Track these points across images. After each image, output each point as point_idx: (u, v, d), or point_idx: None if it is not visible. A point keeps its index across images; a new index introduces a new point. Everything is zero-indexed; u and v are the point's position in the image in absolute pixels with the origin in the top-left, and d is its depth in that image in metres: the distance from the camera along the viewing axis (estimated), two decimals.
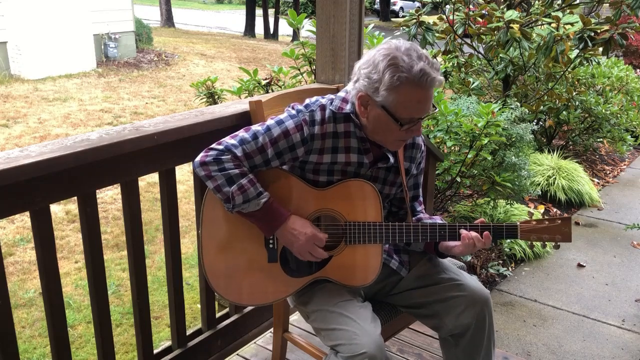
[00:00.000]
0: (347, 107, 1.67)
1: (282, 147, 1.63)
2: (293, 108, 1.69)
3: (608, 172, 6.20)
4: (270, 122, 1.66)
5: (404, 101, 1.55)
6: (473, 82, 4.76)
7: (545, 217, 1.71)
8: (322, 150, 1.67)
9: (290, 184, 1.70)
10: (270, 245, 1.71)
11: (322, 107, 1.68)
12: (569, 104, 5.45)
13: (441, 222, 1.77)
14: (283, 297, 1.78)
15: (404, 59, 1.53)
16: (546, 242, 1.72)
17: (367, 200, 1.69)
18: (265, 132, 1.63)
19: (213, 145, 1.62)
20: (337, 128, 1.67)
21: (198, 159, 1.61)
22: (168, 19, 19.85)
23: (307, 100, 1.72)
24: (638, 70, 7.78)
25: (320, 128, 1.65)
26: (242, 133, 1.64)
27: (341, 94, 1.72)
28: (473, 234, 1.68)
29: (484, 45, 4.57)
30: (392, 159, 1.74)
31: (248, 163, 1.62)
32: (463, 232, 1.68)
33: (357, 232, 1.69)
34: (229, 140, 1.63)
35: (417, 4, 5.54)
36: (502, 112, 3.72)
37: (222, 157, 1.59)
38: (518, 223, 1.70)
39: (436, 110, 1.77)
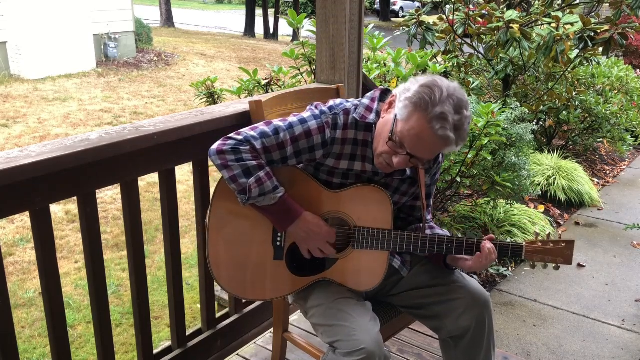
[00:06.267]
0: (371, 117, 1.64)
1: (302, 146, 1.61)
2: (316, 108, 1.66)
3: (608, 172, 6.20)
4: (292, 119, 1.63)
5: (409, 124, 1.50)
6: (473, 82, 4.76)
7: (551, 238, 1.72)
8: (340, 156, 1.66)
9: (304, 183, 1.69)
10: (278, 243, 1.70)
11: (346, 112, 1.65)
12: (569, 104, 5.45)
13: (448, 234, 1.77)
14: (284, 295, 1.78)
15: (443, 93, 1.47)
16: (547, 264, 1.74)
17: (378, 206, 1.67)
18: (287, 129, 1.60)
19: (231, 135, 1.59)
20: (357, 135, 1.65)
21: (215, 146, 1.58)
22: (168, 19, 19.85)
23: (331, 102, 1.69)
24: (638, 70, 7.78)
25: (342, 133, 1.63)
26: (262, 126, 1.61)
27: (365, 101, 1.68)
28: (484, 251, 1.67)
29: (484, 45, 4.57)
30: (408, 172, 1.72)
31: (265, 157, 1.60)
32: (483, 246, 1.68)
33: (365, 237, 1.68)
34: (248, 131, 1.60)
35: (417, 4, 5.54)
36: (502, 112, 3.72)
37: (241, 147, 1.56)
38: (524, 243, 1.70)
39: (430, 166, 1.77)
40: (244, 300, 2.44)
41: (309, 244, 1.66)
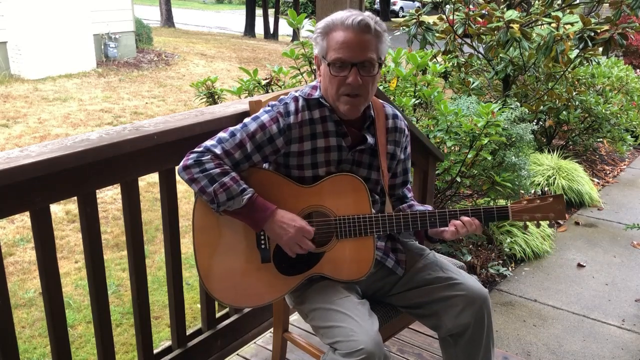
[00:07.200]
0: (316, 93, 1.73)
1: (261, 140, 1.67)
2: (268, 105, 1.75)
3: (608, 172, 6.20)
4: (246, 120, 1.71)
5: (330, 44, 1.62)
6: (473, 82, 4.77)
7: (537, 195, 1.71)
8: (302, 138, 1.71)
9: (278, 184, 1.72)
10: (262, 246, 1.72)
11: (295, 99, 1.74)
12: (569, 104, 5.45)
13: (430, 209, 1.80)
14: (279, 297, 1.78)
15: (339, 13, 1.63)
16: (540, 222, 1.73)
17: (354, 193, 1.70)
18: (242, 129, 1.68)
19: (193, 149, 1.66)
20: (312, 115, 1.72)
21: (180, 164, 1.65)
22: (168, 19, 19.85)
23: (282, 96, 1.78)
24: (638, 70, 7.78)
25: (295, 117, 1.70)
26: (220, 133, 1.69)
27: (313, 82, 1.78)
28: (465, 218, 1.70)
29: (484, 45, 4.57)
30: (370, 140, 1.75)
31: (229, 160, 1.65)
32: (453, 221, 1.71)
33: (347, 226, 1.71)
34: (207, 142, 1.67)
35: (417, 4, 5.54)
36: (502, 112, 3.72)
37: (203, 158, 1.63)
38: (509, 204, 1.71)
39: (377, 59, 1.64)
40: None
41: (287, 241, 1.67)
